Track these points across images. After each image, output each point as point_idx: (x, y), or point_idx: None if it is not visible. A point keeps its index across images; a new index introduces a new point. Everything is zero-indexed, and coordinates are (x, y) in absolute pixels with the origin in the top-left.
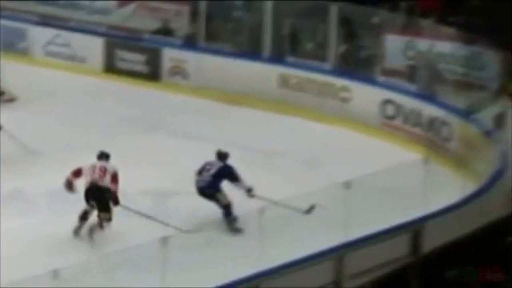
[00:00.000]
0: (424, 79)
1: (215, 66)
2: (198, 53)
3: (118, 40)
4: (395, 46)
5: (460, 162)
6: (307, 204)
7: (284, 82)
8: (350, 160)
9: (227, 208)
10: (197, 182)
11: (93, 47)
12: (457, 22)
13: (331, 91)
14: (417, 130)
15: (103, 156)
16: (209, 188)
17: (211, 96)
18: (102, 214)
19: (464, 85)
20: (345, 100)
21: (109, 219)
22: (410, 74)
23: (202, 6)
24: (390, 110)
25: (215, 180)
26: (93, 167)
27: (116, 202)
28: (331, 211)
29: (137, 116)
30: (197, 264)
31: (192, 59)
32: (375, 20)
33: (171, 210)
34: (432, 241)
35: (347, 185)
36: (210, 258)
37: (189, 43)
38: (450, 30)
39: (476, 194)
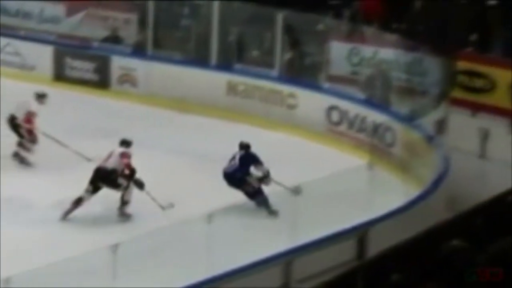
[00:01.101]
0: (377, 88)
1: (163, 74)
2: (146, 61)
3: (67, 49)
4: (339, 53)
5: (403, 167)
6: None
7: (231, 89)
8: (297, 166)
9: (260, 192)
10: (226, 169)
11: (42, 56)
12: (399, 29)
13: (278, 98)
14: (361, 136)
15: (124, 143)
16: (238, 171)
17: (160, 103)
18: (116, 190)
19: (407, 91)
20: (291, 106)
21: (125, 189)
22: (365, 83)
23: (150, 14)
24: (335, 116)
25: (241, 164)
26: (110, 155)
27: (129, 176)
28: (279, 217)
29: (86, 124)
30: (146, 269)
31: (140, 67)
32: (320, 27)
33: (121, 218)
34: (377, 245)
35: (295, 190)
36: (159, 263)
37: (138, 51)
38: (393, 37)
39: (419, 198)
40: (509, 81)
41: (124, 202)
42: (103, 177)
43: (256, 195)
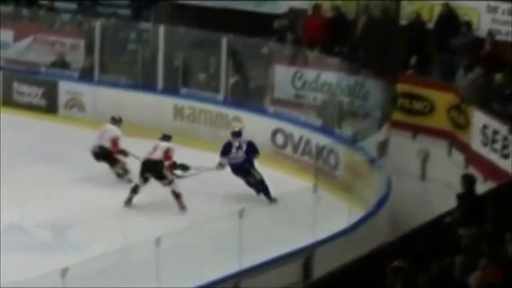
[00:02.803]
0: (330, 113)
1: (110, 98)
2: (93, 86)
3: (15, 74)
4: (283, 77)
5: (347, 189)
6: (202, 232)
7: (178, 113)
8: (243, 188)
9: (262, 182)
10: (233, 160)
11: None
12: (341, 53)
13: (224, 122)
14: (306, 159)
15: (165, 137)
16: (246, 163)
17: None
18: (162, 182)
19: (349, 114)
20: None
21: (170, 183)
22: (320, 109)
23: (97, 39)
24: (280, 139)
25: (248, 155)
26: (155, 148)
27: (173, 167)
28: (225, 240)
29: (35, 149)
30: None
31: (88, 92)
32: (264, 51)
33: (70, 242)
34: (322, 266)
35: (241, 213)
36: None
37: (85, 76)
38: (335, 61)
39: (363, 220)
40: (447, 104)
41: (177, 196)
42: (150, 169)
43: (259, 184)
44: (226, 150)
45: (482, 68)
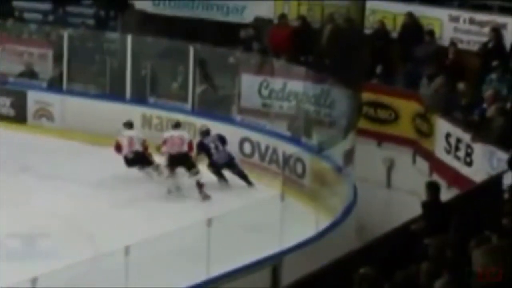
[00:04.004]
0: (299, 123)
1: (79, 108)
2: (62, 95)
3: None
4: (250, 86)
5: (314, 197)
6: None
7: (146, 122)
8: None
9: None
10: (220, 158)
11: None
12: (307, 62)
13: (192, 131)
14: (273, 167)
15: (177, 125)
16: (232, 157)
17: (76, 137)
18: (192, 171)
19: (315, 123)
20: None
21: (197, 173)
22: (290, 120)
23: (65, 49)
24: (247, 148)
25: (226, 149)
26: (172, 138)
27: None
28: (193, 249)
29: (3, 159)
30: None
31: (56, 102)
32: (231, 60)
33: (40, 251)
34: (290, 274)
35: (208, 222)
36: None
37: (54, 86)
38: (301, 69)
39: (330, 228)
40: (412, 112)
41: (200, 186)
42: (181, 161)
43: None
44: (207, 153)
45: (445, 77)
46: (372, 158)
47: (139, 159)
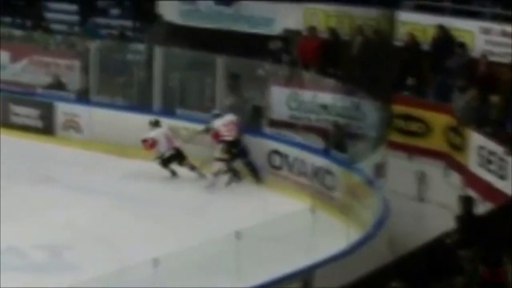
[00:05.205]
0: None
1: (107, 119)
2: (90, 107)
3: (11, 95)
4: (279, 98)
5: (344, 210)
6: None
7: (174, 134)
8: (240, 210)
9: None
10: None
11: None
12: (336, 74)
13: None
14: (302, 180)
15: (217, 115)
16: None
17: (103, 149)
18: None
19: (346, 135)
20: None
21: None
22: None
23: (93, 60)
24: (276, 160)
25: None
26: (224, 125)
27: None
28: (223, 261)
29: (31, 170)
30: None
31: (84, 113)
32: (260, 72)
33: (65, 263)
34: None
35: (238, 235)
36: None
37: (82, 97)
38: (331, 82)
39: (361, 241)
40: (443, 125)
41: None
42: (237, 147)
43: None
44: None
45: (477, 89)
46: (403, 171)
47: (178, 154)
